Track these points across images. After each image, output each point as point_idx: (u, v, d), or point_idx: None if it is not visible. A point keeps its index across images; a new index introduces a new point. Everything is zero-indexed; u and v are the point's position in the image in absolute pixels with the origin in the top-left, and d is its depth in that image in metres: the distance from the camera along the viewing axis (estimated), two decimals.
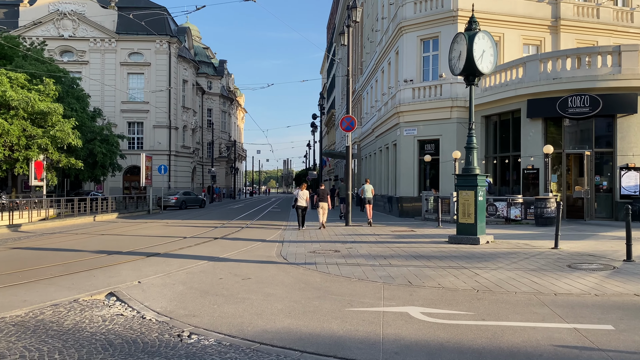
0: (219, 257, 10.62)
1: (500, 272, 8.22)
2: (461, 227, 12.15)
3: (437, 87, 23.03)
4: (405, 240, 13.08)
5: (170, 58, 49.64)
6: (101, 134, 31.83)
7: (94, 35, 48.91)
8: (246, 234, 16.28)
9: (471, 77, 12.23)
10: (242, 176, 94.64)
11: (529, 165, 19.55)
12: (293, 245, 12.47)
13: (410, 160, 23.86)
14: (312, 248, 11.85)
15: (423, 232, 15.42)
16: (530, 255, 9.99)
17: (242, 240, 14.28)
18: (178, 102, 51.44)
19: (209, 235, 15.56)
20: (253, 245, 12.77)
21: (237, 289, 7.33)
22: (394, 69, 26.80)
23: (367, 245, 12.15)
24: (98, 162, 31.14)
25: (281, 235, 15.45)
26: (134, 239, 14.78)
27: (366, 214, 19.16)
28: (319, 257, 10.34)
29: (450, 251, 10.81)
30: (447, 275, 8.10)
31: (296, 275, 8.35)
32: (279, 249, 11.83)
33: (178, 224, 21.54)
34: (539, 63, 19.32)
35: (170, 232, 17.27)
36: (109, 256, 10.84)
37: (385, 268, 8.83)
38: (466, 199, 12.03)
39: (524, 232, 14.89)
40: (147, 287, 7.47)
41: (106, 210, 25.37)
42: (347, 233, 15.69)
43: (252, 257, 10.54)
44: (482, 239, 11.90)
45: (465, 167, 12.29)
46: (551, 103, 18.71)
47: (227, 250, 11.82)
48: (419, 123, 23.58)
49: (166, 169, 31.04)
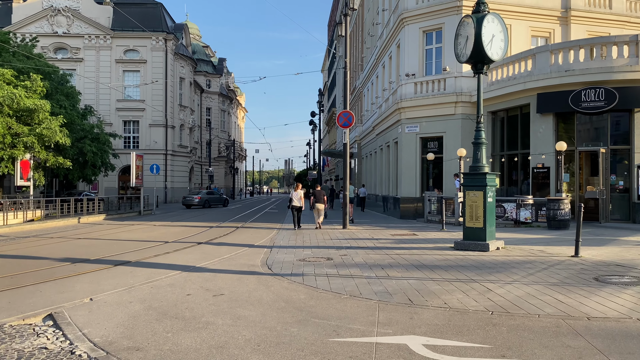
0: (195, 266, 9.42)
1: (516, 287, 7.00)
2: (468, 232, 10.93)
3: (441, 82, 21.80)
4: (406, 246, 11.87)
5: (166, 55, 48.52)
6: (92, 132, 30.64)
7: (89, 32, 47.83)
8: (235, 238, 15.09)
9: (479, 65, 11.00)
10: (242, 176, 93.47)
11: (539, 164, 18.31)
12: (282, 252, 11.27)
13: (412, 158, 22.63)
14: (302, 255, 10.65)
15: (425, 237, 14.20)
16: (549, 264, 8.76)
17: (228, 245, 13.08)
18: (175, 100, 50.30)
19: (193, 240, 14.36)
20: (238, 252, 11.57)
21: (203, 309, 6.13)
22: (395, 64, 25.58)
23: (363, 252, 10.94)
24: (88, 161, 29.98)
25: (272, 239, 14.25)
26: (109, 244, 13.59)
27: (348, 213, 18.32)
28: (308, 266, 9.13)
29: (456, 259, 9.59)
30: (455, 290, 6.88)
31: (278, 291, 7.15)
32: (265, 256, 10.64)
33: (166, 226, 20.36)
34: (550, 54, 18.08)
35: (154, 235, 16.09)
36: (72, 265, 9.65)
37: (382, 281, 7.62)
38: (474, 201, 10.80)
39: (536, 236, 13.65)
40: (97, 307, 6.27)
41: (93, 211, 24.20)
42: (343, 237, 14.49)
43: (233, 267, 9.34)
44: (491, 245, 10.68)
45: (472, 164, 11.06)
46: (563, 97, 17.46)
47: (207, 257, 10.63)
48: (422, 119, 22.35)
49: (158, 168, 29.85)
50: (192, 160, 54.85)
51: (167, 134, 48.36)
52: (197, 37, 78.15)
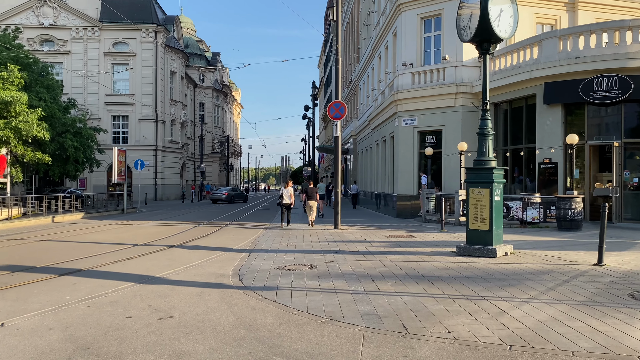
0: (154, 276, 8.05)
1: (536, 308, 5.65)
2: (472, 235, 9.57)
3: (440, 71, 20.42)
4: (401, 250, 10.52)
5: (157, 48, 47.00)
6: (73, 126, 29.17)
7: (76, 24, 46.26)
8: (214, 239, 13.71)
9: (485, 45, 9.63)
10: (237, 173, 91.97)
11: (546, 159, 16.98)
12: (261, 257, 9.91)
13: (410, 153, 21.27)
14: (282, 261, 9.29)
15: (423, 238, 12.85)
16: (570, 276, 7.41)
17: (203, 249, 11.70)
18: (165, 95, 48.80)
19: (166, 242, 12.98)
20: (211, 257, 10.20)
21: (138, 340, 4.76)
22: (391, 53, 24.18)
23: (352, 258, 9.58)
24: (70, 156, 28.54)
25: (255, 241, 12.89)
26: (70, 248, 12.20)
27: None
28: (287, 276, 7.77)
29: (459, 268, 8.24)
30: (460, 312, 5.53)
31: (241, 312, 5.79)
32: (240, 263, 9.27)
33: (146, 225, 18.98)
34: (558, 41, 16.72)
35: (126, 236, 14.71)
36: (7, 276, 8.23)
37: (371, 298, 6.27)
38: (479, 199, 9.44)
39: (546, 238, 12.31)
40: (2, 337, 4.90)
41: (70, 210, 22.76)
42: (333, 238, 13.13)
43: (198, 277, 7.97)
44: (499, 250, 9.33)
45: (477, 158, 9.70)
46: (572, 86, 16.12)
47: (173, 264, 9.25)
48: (420, 112, 20.98)
49: (143, 164, 28.40)
50: (184, 157, 53.37)
51: (158, 129, 46.89)
52: (192, 32, 76.57)
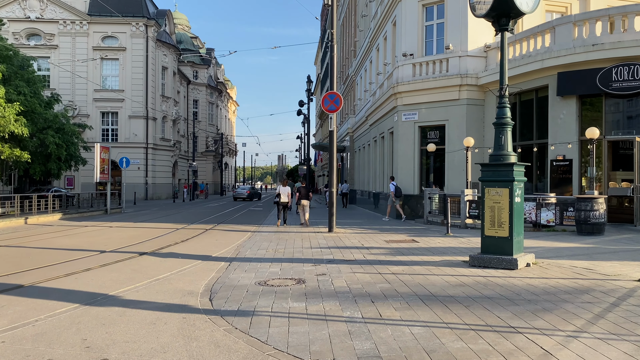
0: (107, 294, 6.64)
1: (590, 347, 4.26)
2: (488, 243, 8.18)
3: (443, 62, 19.04)
4: (405, 259, 9.13)
5: (147, 42, 45.46)
6: (56, 122, 27.67)
7: (64, 17, 44.68)
8: (193, 245, 12.30)
9: (503, 20, 8.24)
10: (232, 172, 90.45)
11: (559, 156, 15.64)
12: (242, 268, 8.51)
13: (410, 150, 19.90)
14: (266, 274, 7.90)
15: (428, 244, 11.46)
16: (617, 296, 6.01)
17: (177, 257, 10.28)
18: (157, 91, 47.28)
19: (139, 248, 11.55)
20: (184, 268, 8.79)
21: None
22: (390, 44, 22.78)
23: (348, 269, 8.18)
24: (52, 154, 27.06)
25: (239, 247, 11.48)
26: (26, 255, 10.77)
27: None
28: (267, 295, 6.38)
29: (476, 284, 6.85)
30: (490, 354, 4.13)
31: (200, 353, 4.38)
32: (216, 276, 7.87)
33: (126, 227, 17.54)
34: (573, 27, 15.37)
35: (97, 241, 13.28)
36: None
37: (371, 329, 4.87)
38: (496, 201, 8.06)
39: (567, 244, 10.93)
40: None
41: (46, 210, 21.28)
42: (327, 244, 11.73)
43: (160, 296, 6.56)
44: (520, 261, 7.94)
45: (494, 152, 8.31)
46: (589, 76, 14.78)
47: (136, 278, 7.84)
48: (421, 106, 19.60)
49: (129, 162, 26.91)
50: (176, 155, 51.83)
51: (148, 126, 45.35)
52: (186, 28, 75.08)
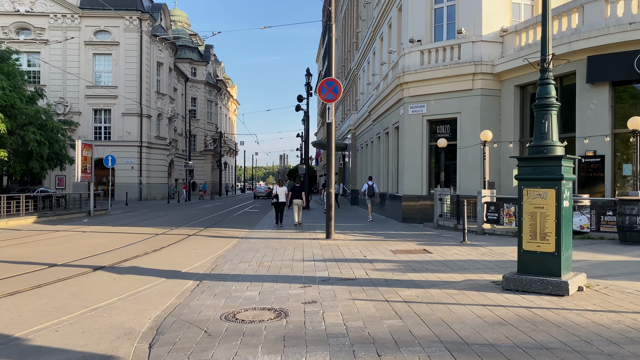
0: (10, 336, 4.79)
1: None
2: (528, 259, 6.31)
3: (454, 48, 17.15)
4: (417, 279, 7.26)
5: (141, 37, 43.70)
6: (37, 118, 25.89)
7: (55, 11, 42.96)
8: (163, 256, 10.46)
9: None
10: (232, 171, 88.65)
11: (589, 152, 13.73)
12: (212, 290, 6.67)
13: (418, 147, 18.02)
14: (239, 301, 6.05)
15: (443, 255, 9.59)
16: None
17: (137, 273, 8.43)
18: (151, 87, 45.51)
19: (97, 261, 9.71)
20: (138, 291, 6.96)
21: None
22: (395, 32, 20.90)
23: (346, 294, 6.32)
24: (33, 152, 25.30)
25: (218, 259, 9.64)
26: None
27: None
28: (230, 341, 4.53)
29: (521, 321, 4.98)
30: None
31: None
32: (175, 303, 6.03)
33: (100, 232, 15.73)
34: (605, 4, 13.47)
35: (56, 250, 11.45)
36: None
37: None
38: (538, 205, 6.19)
39: (614, 257, 9.03)
40: None
41: (18, 212, 19.45)
42: (323, 255, 9.87)
43: (82, 340, 4.72)
44: (571, 284, 6.05)
45: (536, 143, 6.45)
46: (625, 60, 12.87)
47: (67, 307, 6.01)
48: (430, 97, 17.72)
49: (114, 160, 25.13)
50: (172, 154, 50.02)
51: (142, 124, 43.59)
52: (186, 25, 73.34)
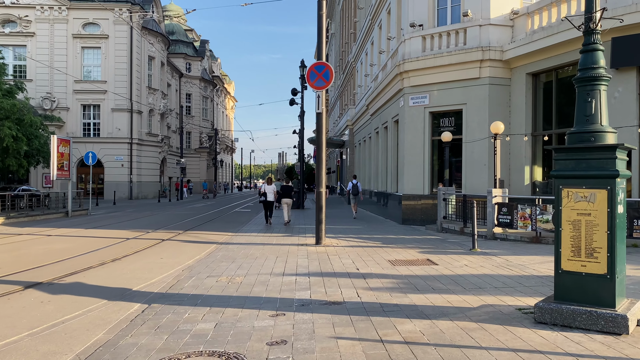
0: None
1: None
2: (569, 283, 4.75)
3: (460, 33, 15.59)
4: (421, 303, 5.71)
5: (132, 30, 42.09)
6: (14, 113, 24.30)
7: (41, 2, 41.34)
8: (119, 268, 8.91)
9: None
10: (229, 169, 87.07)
11: None
12: (156, 321, 5.13)
13: (419, 141, 16.47)
14: (184, 339, 4.51)
15: (451, 267, 8.04)
16: None
17: (75, 293, 6.87)
18: (142, 82, 43.90)
19: (38, 275, 8.15)
20: (64, 319, 5.43)
21: None
22: (395, 18, 19.34)
23: (329, 329, 4.78)
24: (9, 148, 23.75)
25: (182, 273, 8.09)
26: None
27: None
28: None
29: None
30: None
31: None
32: (99, 342, 4.51)
33: (67, 236, 14.17)
34: None
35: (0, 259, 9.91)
36: None
37: None
38: (584, 211, 4.64)
39: None
40: None
41: None
42: (308, 267, 8.32)
43: None
44: (630, 319, 4.51)
45: (578, 129, 4.89)
46: None
47: None
48: (433, 87, 16.17)
49: (95, 157, 23.59)
50: (165, 151, 48.42)
51: (133, 120, 42.01)
52: (182, 20, 71.71)
